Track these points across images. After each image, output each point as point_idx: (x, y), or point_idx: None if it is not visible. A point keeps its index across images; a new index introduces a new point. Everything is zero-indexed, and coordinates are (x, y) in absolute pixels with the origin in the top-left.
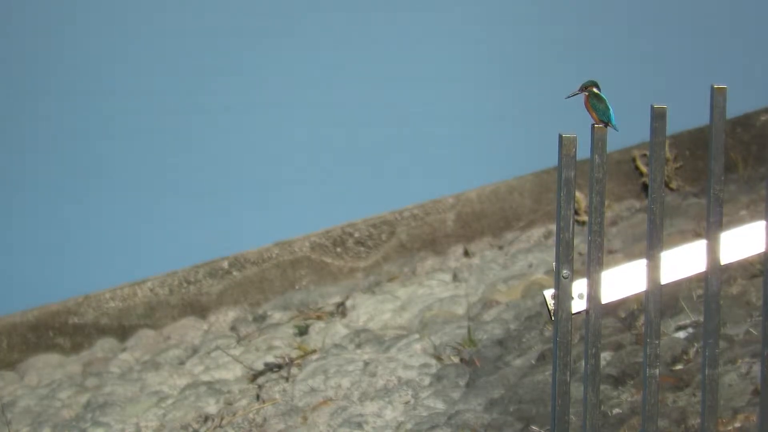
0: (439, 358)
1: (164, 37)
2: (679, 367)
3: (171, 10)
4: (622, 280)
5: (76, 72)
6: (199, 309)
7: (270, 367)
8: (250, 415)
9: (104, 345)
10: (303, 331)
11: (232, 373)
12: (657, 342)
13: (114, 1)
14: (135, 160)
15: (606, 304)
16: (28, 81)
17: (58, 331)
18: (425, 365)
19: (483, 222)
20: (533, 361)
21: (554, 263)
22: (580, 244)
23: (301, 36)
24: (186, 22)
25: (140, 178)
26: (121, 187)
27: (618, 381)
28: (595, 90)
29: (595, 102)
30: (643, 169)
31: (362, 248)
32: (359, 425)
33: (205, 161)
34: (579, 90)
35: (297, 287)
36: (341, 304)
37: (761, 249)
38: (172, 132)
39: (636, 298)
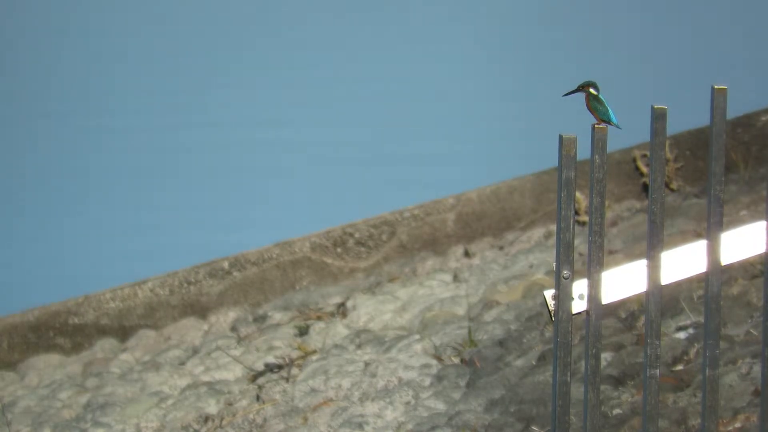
0: (439, 359)
1: (163, 38)
2: (679, 367)
3: (170, 11)
4: (623, 281)
5: (77, 73)
6: (200, 309)
7: (270, 368)
8: (251, 416)
9: (104, 345)
10: (303, 332)
11: (232, 373)
12: (657, 342)
13: (113, 2)
14: (135, 160)
15: (606, 305)
16: (29, 83)
17: (59, 331)
18: (426, 366)
19: (483, 222)
20: (534, 362)
21: (555, 264)
22: (580, 244)
23: (302, 36)
24: (185, 23)
25: (140, 178)
26: (122, 188)
27: (618, 381)
28: (593, 91)
29: (595, 104)
30: (644, 169)
31: (363, 249)
32: (360, 426)
33: (205, 161)
34: (576, 89)
35: (297, 288)
36: (342, 305)
37: (762, 249)
38: (172, 132)
39: (636, 298)
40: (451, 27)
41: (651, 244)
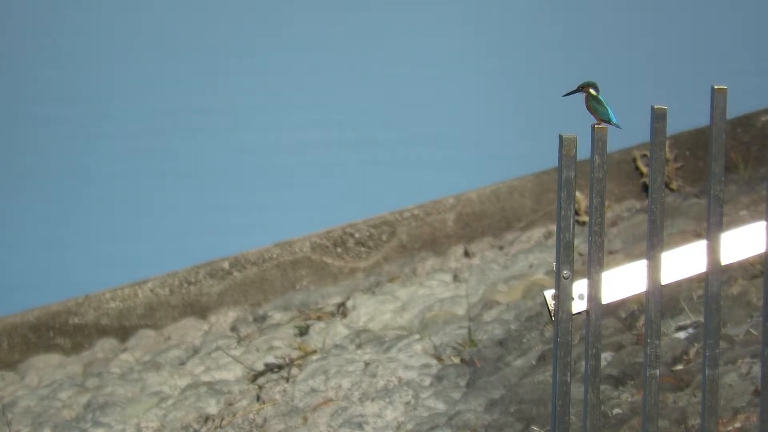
0: (439, 359)
1: (161, 39)
2: (679, 367)
3: (170, 12)
4: (623, 281)
5: (76, 73)
6: (200, 309)
7: (270, 368)
8: (251, 416)
9: (105, 345)
10: (303, 332)
11: (232, 373)
12: (657, 342)
13: (113, 3)
14: (135, 160)
15: (606, 305)
16: (29, 83)
17: (59, 332)
18: (426, 366)
19: (483, 222)
20: (534, 362)
21: (555, 264)
22: (580, 244)
23: (301, 36)
24: (184, 23)
25: (141, 178)
26: (122, 188)
27: (618, 381)
28: (592, 91)
29: (594, 104)
30: (644, 169)
31: (363, 248)
32: (360, 426)
33: (205, 161)
34: (576, 89)
35: (297, 287)
36: (342, 305)
37: (761, 249)
38: (172, 132)
39: (636, 298)
40: (451, 27)
41: (651, 244)
